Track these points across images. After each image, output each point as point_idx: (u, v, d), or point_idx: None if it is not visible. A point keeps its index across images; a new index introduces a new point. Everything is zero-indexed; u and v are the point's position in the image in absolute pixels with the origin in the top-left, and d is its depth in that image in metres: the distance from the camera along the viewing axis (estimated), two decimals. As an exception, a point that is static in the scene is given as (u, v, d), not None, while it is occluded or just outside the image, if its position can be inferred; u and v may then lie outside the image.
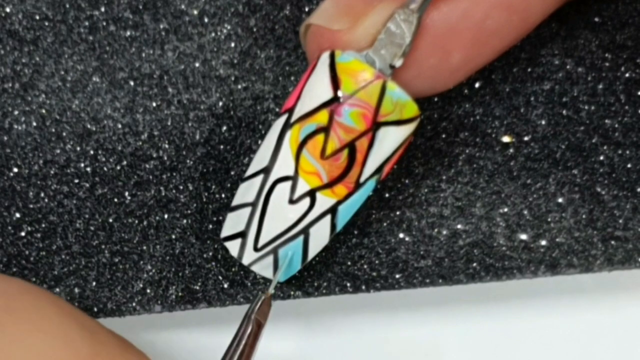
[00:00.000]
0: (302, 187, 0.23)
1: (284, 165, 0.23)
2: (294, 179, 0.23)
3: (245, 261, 0.25)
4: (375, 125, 0.23)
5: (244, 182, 0.24)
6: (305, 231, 0.24)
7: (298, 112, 0.23)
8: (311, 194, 0.23)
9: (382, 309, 0.31)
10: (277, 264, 0.25)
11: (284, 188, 0.24)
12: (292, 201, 0.24)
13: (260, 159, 0.24)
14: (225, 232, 0.25)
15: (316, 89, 0.23)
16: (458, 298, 0.30)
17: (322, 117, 0.23)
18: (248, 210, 0.24)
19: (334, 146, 0.23)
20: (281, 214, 0.24)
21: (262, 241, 0.24)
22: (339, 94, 0.23)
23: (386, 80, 0.23)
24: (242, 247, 0.24)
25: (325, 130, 0.23)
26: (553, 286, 0.30)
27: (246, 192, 0.24)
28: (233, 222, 0.25)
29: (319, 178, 0.23)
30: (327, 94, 0.23)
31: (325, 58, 0.23)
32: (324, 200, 0.24)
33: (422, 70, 0.24)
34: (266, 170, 0.24)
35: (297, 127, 0.23)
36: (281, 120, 0.24)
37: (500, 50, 0.24)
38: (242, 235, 0.24)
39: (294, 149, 0.23)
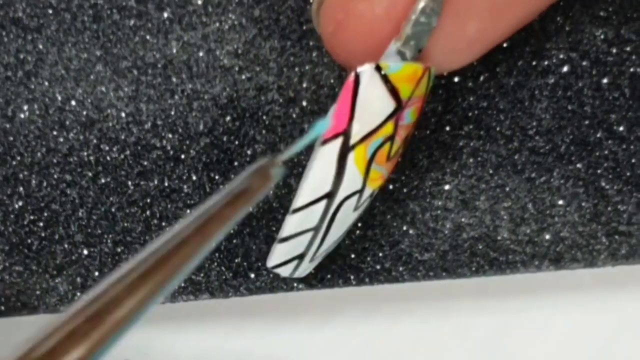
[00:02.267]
0: (367, 192, 0.23)
1: (351, 184, 0.23)
2: (361, 191, 0.23)
3: (296, 274, 0.25)
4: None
5: (295, 213, 0.23)
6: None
7: (359, 133, 0.22)
8: (372, 193, 0.24)
9: (384, 302, 0.30)
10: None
11: (351, 202, 0.23)
12: (356, 208, 0.23)
13: (315, 187, 0.23)
14: (274, 261, 0.24)
15: (375, 105, 0.22)
16: (459, 292, 0.30)
17: (388, 129, 0.22)
18: (309, 235, 0.24)
19: (397, 146, 0.23)
20: (344, 223, 0.24)
21: (319, 253, 0.24)
22: (402, 102, 0.22)
23: (430, 68, 0.23)
24: (297, 267, 0.24)
25: (391, 138, 0.23)
26: (554, 281, 0.30)
27: (304, 221, 0.23)
28: (286, 250, 0.24)
29: (382, 179, 0.23)
30: (390, 106, 0.22)
31: (369, 74, 0.22)
32: (377, 189, 0.24)
33: (438, 41, 0.23)
34: (330, 195, 0.23)
35: (362, 147, 0.22)
36: (334, 146, 0.23)
37: (514, 25, 0.24)
38: (300, 257, 0.24)
39: (362, 167, 0.23)
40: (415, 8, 0.22)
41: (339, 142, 0.22)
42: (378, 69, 0.22)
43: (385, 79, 0.22)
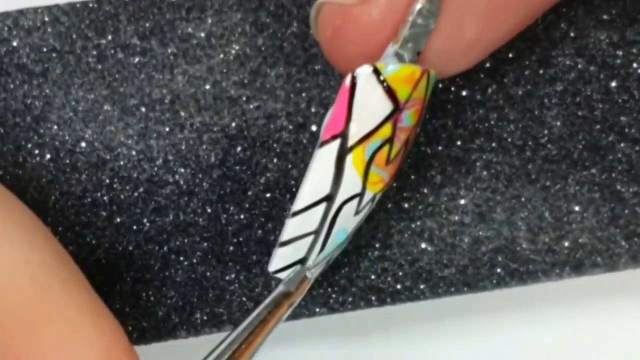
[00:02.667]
0: (368, 196, 0.23)
1: (350, 187, 0.23)
2: (361, 194, 0.23)
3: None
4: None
5: (295, 216, 0.23)
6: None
7: (356, 135, 0.22)
8: (374, 197, 0.23)
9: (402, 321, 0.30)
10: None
11: (351, 206, 0.23)
12: (357, 213, 0.23)
13: (314, 190, 0.23)
14: (275, 265, 0.24)
15: (372, 107, 0.22)
16: (451, 311, 0.30)
17: (386, 131, 0.22)
18: (309, 238, 0.23)
19: (397, 150, 0.23)
20: (346, 227, 0.24)
21: (320, 258, 0.24)
22: (399, 103, 0.22)
23: (429, 71, 0.23)
24: (300, 272, 0.24)
25: (390, 140, 0.23)
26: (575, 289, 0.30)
27: (303, 223, 0.23)
28: (287, 255, 0.24)
29: (383, 183, 0.23)
30: (387, 108, 0.22)
31: (367, 76, 0.22)
32: (379, 194, 0.24)
33: (436, 44, 0.23)
34: (329, 198, 0.23)
35: (360, 149, 0.22)
36: (332, 147, 0.23)
37: (512, 28, 0.23)
38: (302, 261, 0.24)
39: (360, 170, 0.23)
40: (413, 10, 0.22)
41: (336, 143, 0.22)
42: (375, 70, 0.22)
43: (382, 80, 0.22)
